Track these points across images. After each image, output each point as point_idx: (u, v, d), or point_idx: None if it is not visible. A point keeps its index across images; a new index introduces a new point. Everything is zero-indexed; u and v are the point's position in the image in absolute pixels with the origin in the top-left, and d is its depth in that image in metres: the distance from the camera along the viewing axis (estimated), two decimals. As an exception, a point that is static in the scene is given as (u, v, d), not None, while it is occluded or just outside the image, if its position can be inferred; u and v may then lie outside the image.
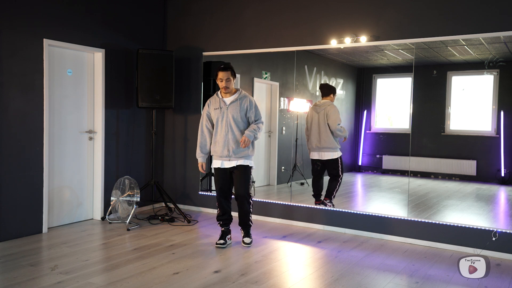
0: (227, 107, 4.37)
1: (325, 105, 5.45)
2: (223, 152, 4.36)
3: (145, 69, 5.44)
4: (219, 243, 4.43)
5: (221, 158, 4.40)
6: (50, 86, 4.90)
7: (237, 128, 4.35)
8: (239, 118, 4.35)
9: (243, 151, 4.36)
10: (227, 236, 4.50)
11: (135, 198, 5.15)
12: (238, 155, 4.35)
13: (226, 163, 4.39)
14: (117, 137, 5.67)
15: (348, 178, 6.25)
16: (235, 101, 4.38)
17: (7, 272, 3.62)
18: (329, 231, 5.15)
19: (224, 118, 4.36)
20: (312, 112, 5.57)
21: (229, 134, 4.34)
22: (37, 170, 4.74)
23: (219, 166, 4.43)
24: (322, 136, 5.42)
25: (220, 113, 4.38)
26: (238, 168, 4.39)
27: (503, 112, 5.82)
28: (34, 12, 4.68)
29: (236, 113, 4.35)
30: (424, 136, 6.29)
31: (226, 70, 4.33)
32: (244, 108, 4.38)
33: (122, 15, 5.69)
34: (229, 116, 4.35)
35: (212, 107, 4.45)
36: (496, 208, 5.70)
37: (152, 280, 3.50)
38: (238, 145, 4.34)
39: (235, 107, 4.36)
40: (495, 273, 3.85)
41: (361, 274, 3.76)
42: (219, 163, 4.42)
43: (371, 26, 4.93)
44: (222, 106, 4.39)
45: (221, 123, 4.38)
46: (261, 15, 5.61)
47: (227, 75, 4.32)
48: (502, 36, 4.52)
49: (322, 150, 5.44)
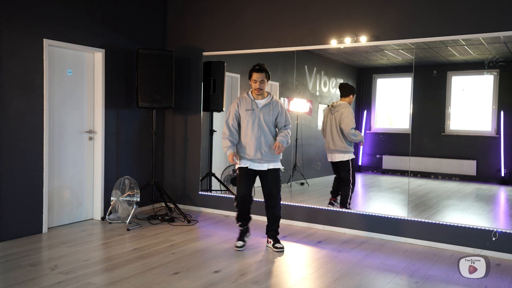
0: (259, 109, 4.31)
1: (340, 107, 5.29)
2: (255, 155, 4.29)
3: (145, 69, 5.44)
4: (238, 246, 4.37)
5: (251, 161, 4.33)
6: (50, 86, 4.90)
7: (269, 131, 4.32)
8: (270, 122, 4.32)
9: (274, 154, 4.34)
10: (245, 236, 4.47)
11: (135, 198, 5.15)
12: (270, 158, 4.32)
13: (256, 165, 4.33)
14: (117, 137, 5.67)
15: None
16: (268, 104, 4.33)
17: (7, 272, 3.62)
18: (329, 231, 5.15)
19: (257, 120, 4.29)
20: (327, 113, 5.45)
21: (262, 138, 4.29)
22: (37, 170, 4.74)
23: (247, 166, 4.33)
24: (334, 139, 5.29)
25: (252, 115, 4.30)
26: (270, 171, 4.35)
27: (503, 112, 5.82)
28: (34, 12, 4.68)
29: (268, 117, 4.31)
30: (424, 136, 6.29)
31: (261, 71, 4.26)
32: (276, 113, 4.35)
33: (122, 15, 5.69)
34: (261, 119, 4.29)
35: (243, 108, 4.34)
36: (496, 208, 5.70)
37: (152, 280, 3.50)
38: (270, 149, 4.31)
39: (267, 111, 4.32)
40: (495, 273, 3.85)
41: (361, 274, 3.76)
42: (248, 164, 4.34)
43: (371, 26, 4.93)
44: (254, 108, 4.31)
45: (253, 125, 4.29)
46: (261, 15, 5.61)
47: (261, 77, 4.25)
48: (502, 36, 4.52)
49: (333, 152, 5.32)
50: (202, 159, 6.14)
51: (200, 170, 6.14)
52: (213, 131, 6.13)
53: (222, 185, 6.16)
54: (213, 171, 6.16)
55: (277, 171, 4.40)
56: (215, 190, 6.20)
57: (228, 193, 6.10)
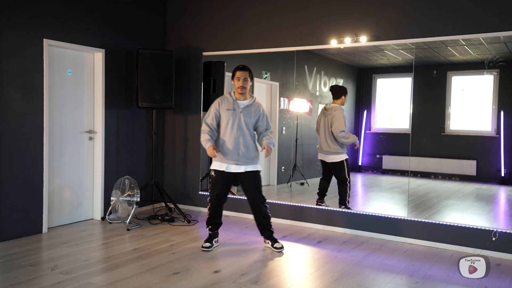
0: (240, 110, 4.28)
1: (332, 110, 5.36)
2: (232, 155, 4.25)
3: (145, 69, 5.44)
4: (205, 246, 4.34)
5: (228, 162, 4.27)
6: (50, 86, 4.90)
7: (249, 133, 4.30)
8: (250, 124, 4.30)
9: (251, 156, 4.29)
10: (214, 239, 4.44)
11: (135, 198, 5.15)
12: (246, 159, 4.27)
13: (233, 168, 4.27)
14: (117, 137, 5.67)
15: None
16: (250, 106, 4.31)
17: (7, 272, 3.63)
18: (329, 231, 5.15)
19: (237, 121, 4.26)
20: (321, 115, 5.51)
21: (241, 138, 4.25)
22: (37, 170, 4.74)
23: (223, 169, 4.28)
24: (327, 141, 5.35)
25: (233, 115, 4.27)
26: (248, 174, 4.29)
27: (503, 112, 5.82)
28: (34, 12, 4.68)
29: (249, 119, 4.29)
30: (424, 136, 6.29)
31: (244, 69, 4.28)
32: (257, 116, 4.33)
33: (122, 15, 5.69)
34: (242, 119, 4.26)
35: (224, 107, 4.31)
36: (496, 208, 5.70)
37: (152, 280, 3.50)
38: (248, 150, 4.27)
39: (248, 112, 4.29)
40: (495, 273, 3.85)
41: (361, 274, 3.76)
42: (224, 166, 4.28)
43: (371, 26, 4.93)
44: (235, 108, 4.29)
45: (233, 125, 4.26)
46: (261, 15, 5.61)
47: (245, 75, 4.26)
48: (502, 36, 4.52)
49: (326, 154, 5.40)
50: (202, 159, 6.14)
51: (200, 170, 6.14)
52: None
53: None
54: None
55: (255, 174, 4.34)
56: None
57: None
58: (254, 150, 4.33)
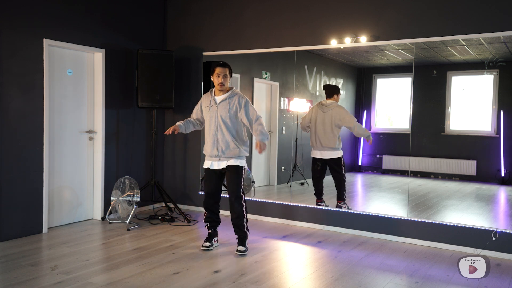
0: (216, 106, 4.26)
1: (332, 106, 5.38)
2: (212, 152, 4.27)
3: (145, 69, 5.44)
4: (205, 246, 4.34)
5: (211, 159, 4.30)
6: (50, 86, 4.90)
7: (226, 128, 4.21)
8: (227, 118, 4.22)
9: (232, 151, 4.23)
10: (213, 239, 4.43)
11: (135, 198, 5.15)
12: (227, 155, 4.23)
13: (216, 164, 4.28)
14: (117, 137, 5.67)
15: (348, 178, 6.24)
16: (225, 100, 4.26)
17: (7, 272, 3.63)
18: (329, 231, 5.15)
19: (213, 117, 4.26)
20: (317, 111, 5.49)
21: (219, 134, 4.23)
22: (37, 170, 4.74)
23: (208, 166, 4.34)
24: (327, 136, 5.36)
25: (209, 112, 4.29)
26: (228, 168, 4.26)
27: (503, 112, 5.82)
28: (34, 12, 4.68)
29: (225, 113, 4.22)
30: (424, 136, 6.28)
31: (224, 66, 4.27)
32: (233, 108, 4.23)
33: (122, 15, 5.69)
34: (218, 115, 4.24)
35: (204, 105, 4.39)
36: (496, 208, 5.70)
37: (152, 280, 3.50)
38: (227, 145, 4.22)
39: (224, 106, 4.24)
40: (495, 273, 3.85)
41: (361, 274, 3.76)
42: (208, 164, 4.33)
43: (371, 26, 4.93)
44: (212, 104, 4.29)
45: (210, 122, 4.28)
46: (261, 15, 5.61)
47: (224, 71, 4.24)
48: (502, 36, 4.52)
49: (324, 150, 5.41)
50: (202, 159, 6.12)
51: (200, 170, 6.13)
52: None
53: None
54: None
55: (236, 168, 4.24)
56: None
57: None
58: (235, 146, 4.23)
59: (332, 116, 5.36)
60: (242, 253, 4.21)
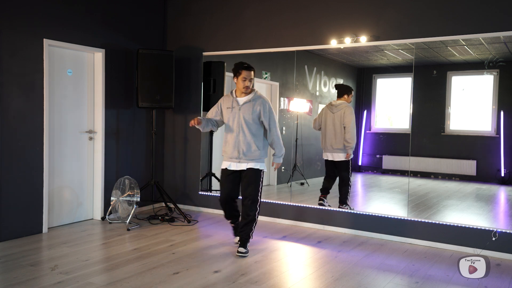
0: (239, 107, 4.22)
1: (342, 106, 5.37)
2: (233, 153, 4.21)
3: (145, 69, 5.44)
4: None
5: (231, 160, 4.24)
6: (50, 86, 4.90)
7: (249, 130, 4.19)
8: (250, 120, 4.18)
9: (253, 153, 4.19)
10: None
11: (135, 198, 5.15)
12: (248, 157, 4.19)
13: (234, 165, 4.23)
14: (117, 137, 5.67)
15: (348, 178, 6.24)
16: (248, 102, 4.21)
17: (7, 272, 3.63)
18: (329, 231, 5.15)
19: (236, 118, 4.21)
20: (326, 111, 5.48)
21: (240, 136, 4.19)
22: (37, 170, 4.74)
23: (226, 167, 4.26)
24: (337, 137, 5.34)
25: (232, 113, 4.23)
26: (248, 171, 4.20)
27: (503, 112, 5.82)
28: (34, 12, 4.68)
29: (248, 115, 4.18)
30: (424, 136, 6.28)
31: (250, 69, 4.20)
32: (257, 111, 4.19)
33: (122, 15, 5.69)
34: (241, 117, 4.19)
35: (225, 106, 4.29)
36: (496, 208, 5.70)
37: (152, 280, 3.50)
38: (249, 147, 4.18)
39: (247, 108, 4.19)
40: (495, 273, 3.85)
41: (361, 274, 3.76)
42: (227, 164, 4.26)
43: (371, 26, 4.93)
44: (234, 106, 4.23)
45: (233, 123, 4.22)
46: (261, 15, 5.61)
47: (250, 75, 4.18)
48: (502, 36, 4.52)
49: (335, 151, 5.38)
50: (202, 159, 6.14)
51: (200, 170, 6.14)
52: (213, 131, 6.12)
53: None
54: (213, 171, 6.16)
55: (256, 172, 4.21)
56: (215, 190, 6.20)
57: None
58: (256, 148, 4.20)
59: (341, 116, 5.34)
60: (243, 255, 4.19)
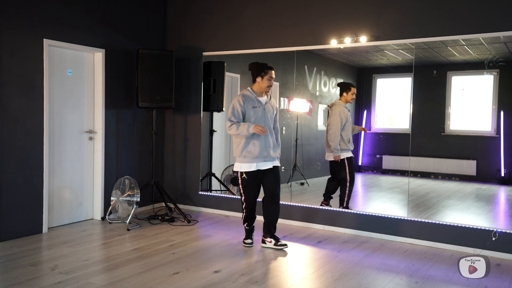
0: (263, 107, 4.27)
1: (334, 106, 5.41)
2: (261, 154, 4.23)
3: (145, 69, 5.44)
4: (247, 243, 4.48)
5: (256, 160, 4.23)
6: (50, 86, 4.90)
7: (272, 129, 4.37)
8: (272, 119, 4.36)
9: (276, 152, 4.37)
10: (252, 233, 4.55)
11: (135, 198, 5.15)
12: (274, 156, 4.34)
13: (262, 165, 4.28)
14: (117, 137, 5.67)
15: (348, 178, 6.24)
16: (268, 101, 4.35)
17: (7, 272, 3.63)
18: (329, 231, 5.15)
19: (263, 118, 4.26)
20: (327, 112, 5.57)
21: (269, 135, 4.27)
22: (37, 170, 4.74)
23: (253, 169, 4.24)
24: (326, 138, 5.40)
25: (259, 113, 4.25)
26: (274, 169, 4.36)
27: (503, 112, 5.82)
28: (34, 12, 4.68)
29: (271, 114, 4.33)
30: (424, 136, 6.29)
31: (273, 69, 4.32)
32: (275, 110, 4.38)
33: (122, 15, 5.69)
34: (268, 116, 4.28)
35: (249, 105, 4.22)
36: (496, 208, 5.70)
37: (152, 280, 3.50)
38: (274, 146, 4.35)
39: (269, 108, 4.33)
40: (495, 273, 3.85)
41: (361, 274, 3.76)
42: (253, 166, 4.24)
43: (371, 26, 4.93)
44: (259, 105, 4.26)
45: (259, 123, 4.23)
46: (261, 15, 5.61)
47: (274, 75, 4.31)
48: (502, 36, 4.52)
49: (327, 151, 5.42)
50: (202, 159, 6.14)
51: (200, 170, 6.14)
52: (213, 131, 6.13)
53: (222, 185, 6.16)
54: (213, 171, 6.16)
55: (278, 169, 4.44)
56: (215, 190, 6.20)
57: (228, 193, 6.10)
58: (277, 146, 4.41)
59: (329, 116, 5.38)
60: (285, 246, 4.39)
